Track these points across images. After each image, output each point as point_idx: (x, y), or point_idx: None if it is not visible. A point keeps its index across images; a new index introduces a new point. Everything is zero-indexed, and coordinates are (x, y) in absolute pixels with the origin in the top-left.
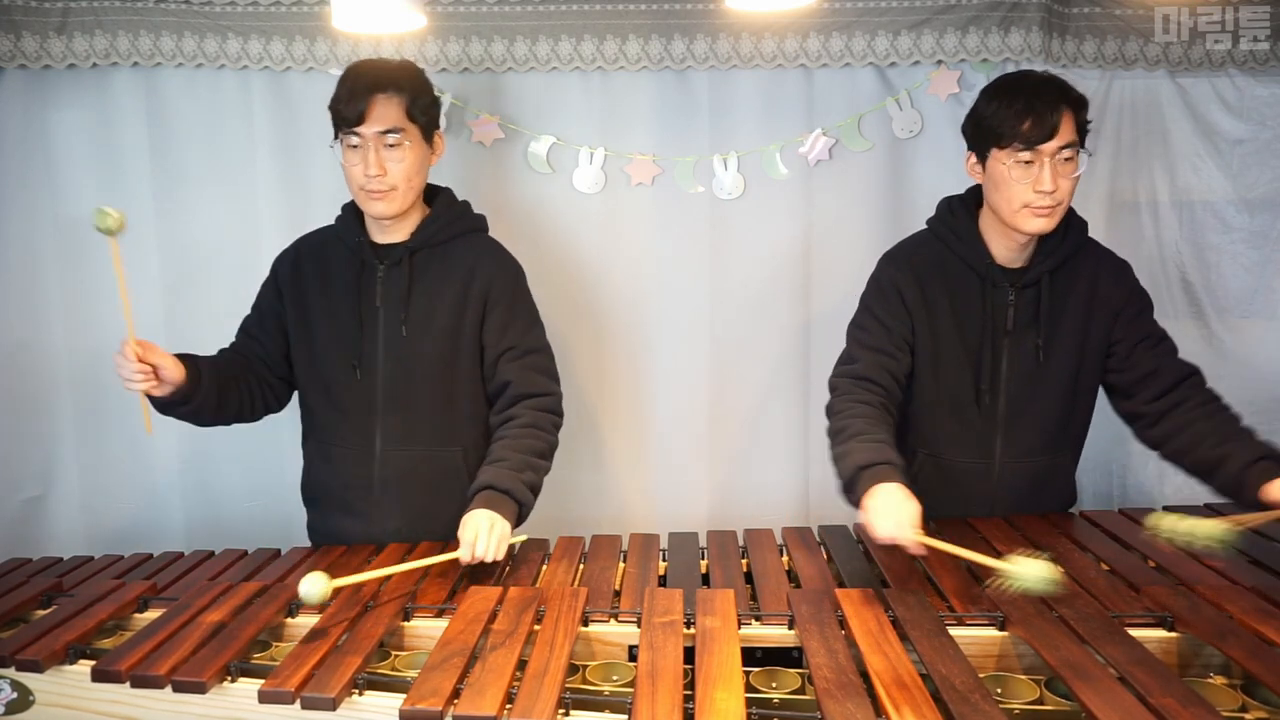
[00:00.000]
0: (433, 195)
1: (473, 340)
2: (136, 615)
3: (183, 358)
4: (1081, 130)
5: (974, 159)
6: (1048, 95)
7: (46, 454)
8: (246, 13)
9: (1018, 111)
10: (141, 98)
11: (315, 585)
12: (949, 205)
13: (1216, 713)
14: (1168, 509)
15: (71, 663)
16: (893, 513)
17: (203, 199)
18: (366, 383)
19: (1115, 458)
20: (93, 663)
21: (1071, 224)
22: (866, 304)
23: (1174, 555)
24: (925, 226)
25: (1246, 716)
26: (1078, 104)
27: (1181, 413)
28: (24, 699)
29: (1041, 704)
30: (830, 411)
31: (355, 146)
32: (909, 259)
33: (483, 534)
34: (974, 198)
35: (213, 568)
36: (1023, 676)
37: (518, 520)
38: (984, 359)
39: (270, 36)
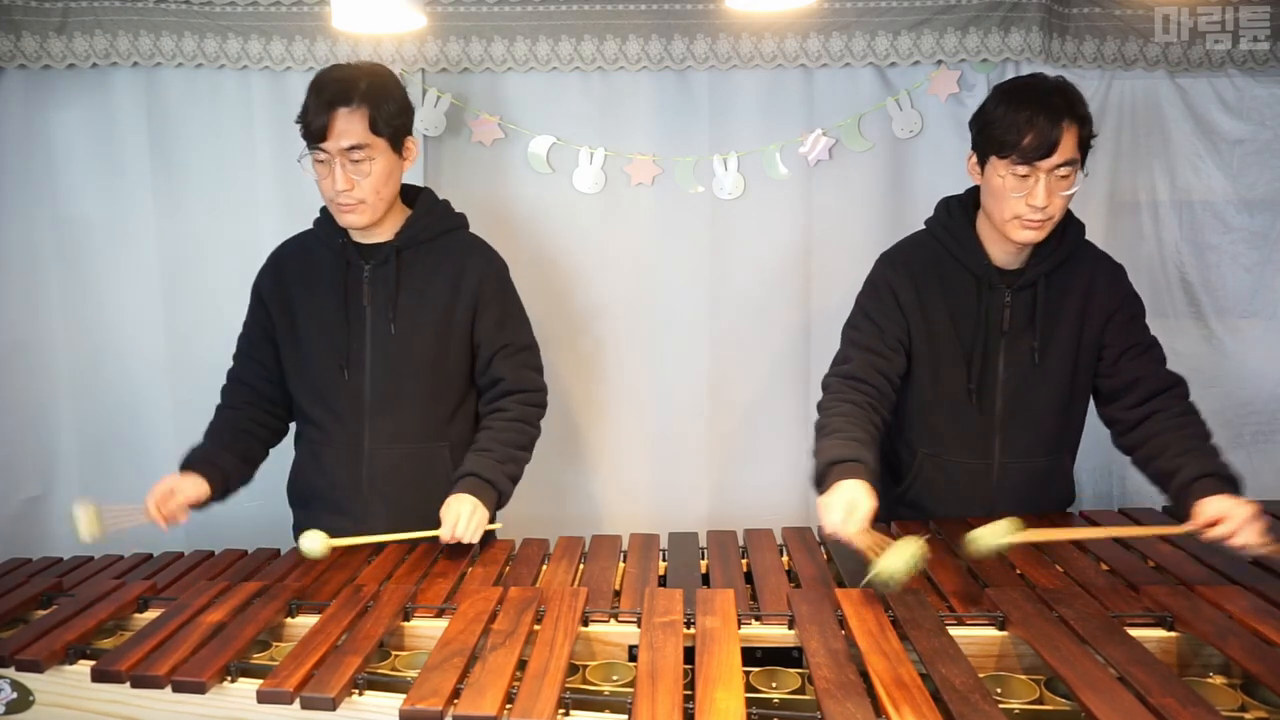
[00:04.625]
0: (413, 195)
1: (462, 337)
2: (136, 615)
3: (200, 463)
4: (1084, 146)
5: (974, 160)
6: (1053, 109)
7: (46, 454)
8: (246, 13)
9: (1020, 124)
10: (141, 98)
11: (315, 542)
12: (947, 206)
13: (1216, 713)
14: (1168, 509)
15: (71, 663)
16: (843, 506)
17: (203, 199)
18: (355, 382)
19: (1115, 458)
20: (93, 663)
21: (1069, 226)
22: (861, 304)
23: (1174, 555)
24: (923, 227)
25: (1246, 716)
26: (1083, 120)
27: (1154, 422)
28: (24, 699)
29: (1041, 704)
30: (819, 409)
31: (322, 161)
32: (905, 259)
33: (464, 517)
34: (972, 198)
35: (213, 568)
36: (1023, 676)
37: (496, 508)
38: (974, 359)
39: (270, 36)
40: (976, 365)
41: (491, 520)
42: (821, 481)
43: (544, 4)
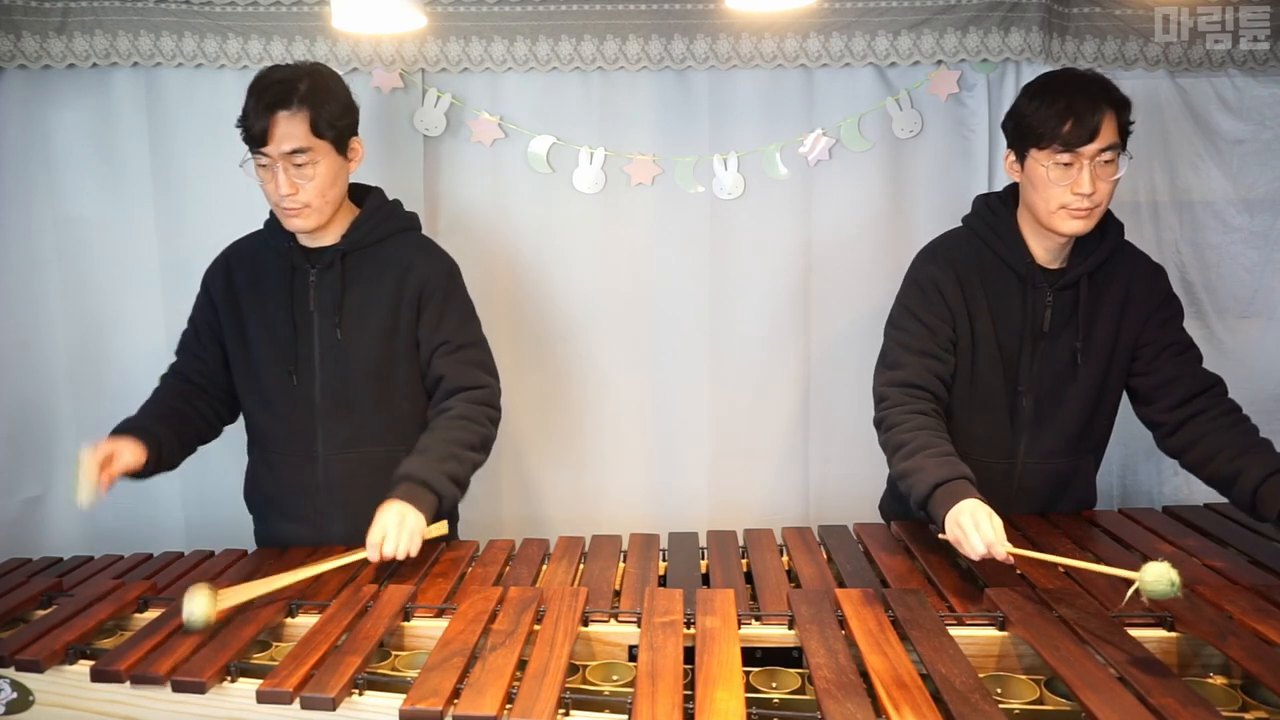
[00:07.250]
0: (363, 195)
1: (409, 339)
2: (136, 615)
3: (137, 429)
4: (1123, 132)
5: (1012, 157)
6: (1090, 96)
7: (46, 454)
8: (246, 13)
9: (1059, 112)
10: (141, 98)
11: (198, 606)
12: (986, 203)
13: (1216, 713)
14: (1167, 509)
15: (71, 663)
16: (984, 530)
17: (203, 199)
18: (304, 388)
19: (1115, 457)
20: (92, 663)
21: (1109, 225)
22: (906, 305)
23: (1174, 555)
24: (960, 224)
25: (1246, 716)
26: (1120, 105)
27: (1200, 423)
28: (24, 699)
29: (1041, 704)
30: (884, 424)
31: (264, 165)
32: (949, 256)
33: (390, 531)
34: (1011, 196)
35: (212, 568)
36: (1023, 676)
37: (438, 510)
38: (1014, 360)
39: (270, 36)
40: (1014, 366)
41: (440, 518)
42: (926, 504)
43: (544, 4)
